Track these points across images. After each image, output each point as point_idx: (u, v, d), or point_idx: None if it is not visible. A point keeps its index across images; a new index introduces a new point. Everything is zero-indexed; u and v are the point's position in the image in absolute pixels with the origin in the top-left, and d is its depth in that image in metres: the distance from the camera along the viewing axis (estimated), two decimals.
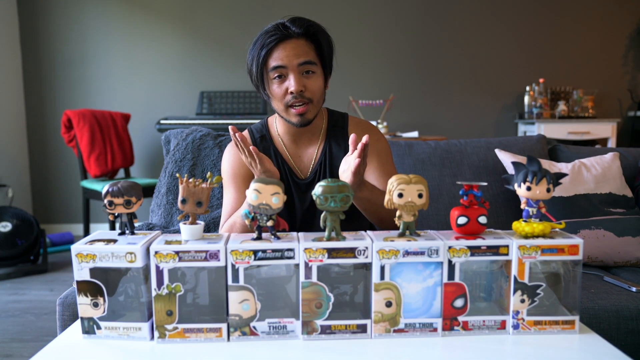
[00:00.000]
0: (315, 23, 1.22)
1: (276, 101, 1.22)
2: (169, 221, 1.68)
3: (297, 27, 1.18)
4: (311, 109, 1.22)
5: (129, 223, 0.87)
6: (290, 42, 1.18)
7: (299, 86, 1.18)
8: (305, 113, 1.21)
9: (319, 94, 1.23)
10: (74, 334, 0.86)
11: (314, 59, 1.20)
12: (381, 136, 1.36)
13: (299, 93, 1.18)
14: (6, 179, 3.79)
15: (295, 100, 1.19)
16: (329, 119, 1.36)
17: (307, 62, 1.19)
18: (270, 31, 1.19)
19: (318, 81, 1.22)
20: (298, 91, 1.18)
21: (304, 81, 1.19)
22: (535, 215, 0.86)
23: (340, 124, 1.35)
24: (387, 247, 0.81)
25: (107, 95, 4.13)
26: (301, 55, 1.18)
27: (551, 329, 0.85)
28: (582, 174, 1.70)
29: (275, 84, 1.21)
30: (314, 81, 1.21)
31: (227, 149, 1.36)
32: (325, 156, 1.31)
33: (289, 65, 1.18)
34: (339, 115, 1.38)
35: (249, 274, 0.82)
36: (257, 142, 1.34)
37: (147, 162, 4.21)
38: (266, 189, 0.82)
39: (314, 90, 1.21)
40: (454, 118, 4.28)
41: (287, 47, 1.18)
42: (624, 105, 4.32)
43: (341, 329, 0.83)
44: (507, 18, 4.21)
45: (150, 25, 4.11)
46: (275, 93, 1.21)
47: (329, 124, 1.35)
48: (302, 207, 1.31)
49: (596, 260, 1.60)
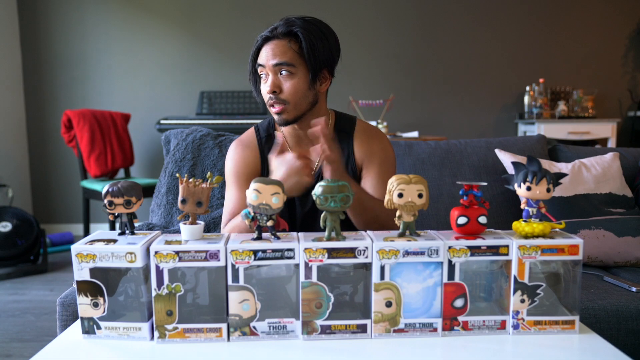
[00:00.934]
0: (310, 24, 1.20)
1: (264, 99, 1.24)
2: (169, 221, 1.68)
3: (283, 27, 1.18)
4: (289, 109, 1.20)
5: (129, 223, 0.87)
6: (271, 43, 1.19)
7: (272, 87, 1.18)
8: (282, 113, 1.21)
9: (297, 95, 1.20)
10: (74, 334, 0.86)
11: (292, 60, 1.18)
12: (387, 145, 1.33)
13: (272, 94, 1.19)
14: (6, 179, 3.79)
15: (272, 100, 1.20)
16: (336, 123, 1.33)
17: (282, 64, 1.18)
18: (264, 31, 1.21)
19: (297, 83, 1.19)
20: (270, 92, 1.19)
21: (279, 82, 1.19)
22: (535, 215, 0.86)
23: (347, 129, 1.33)
24: (387, 247, 0.81)
25: (107, 95, 4.13)
26: (277, 55, 1.18)
27: (551, 329, 0.85)
28: (582, 174, 1.70)
29: (261, 82, 1.23)
30: (291, 83, 1.19)
31: (232, 147, 1.34)
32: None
33: (266, 65, 1.19)
34: (347, 120, 1.35)
35: (249, 274, 0.82)
36: (263, 141, 1.32)
37: (147, 162, 4.21)
38: (266, 189, 0.82)
39: (290, 92, 1.19)
40: (454, 118, 4.28)
41: (268, 47, 1.19)
42: (624, 105, 4.32)
43: (341, 329, 0.83)
44: (507, 18, 4.21)
45: (150, 25, 4.12)
46: (262, 91, 1.24)
47: (336, 128, 1.32)
48: (303, 210, 1.30)
49: (596, 260, 1.60)
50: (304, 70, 1.20)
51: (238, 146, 1.33)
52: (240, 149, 1.31)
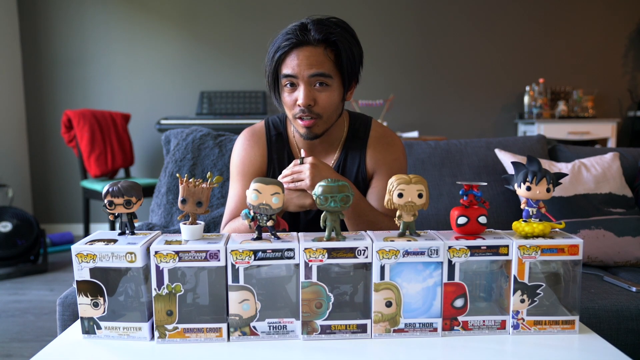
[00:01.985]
0: (342, 28, 1.09)
1: (286, 109, 1.14)
2: (169, 221, 1.68)
3: (317, 32, 1.06)
4: (320, 124, 1.11)
5: (129, 223, 0.87)
6: (305, 50, 1.07)
7: (308, 100, 1.07)
8: (312, 127, 1.11)
9: (331, 109, 1.11)
10: (74, 334, 0.86)
11: (329, 70, 1.08)
12: (400, 155, 1.25)
13: (306, 107, 1.08)
14: (6, 179, 3.79)
15: (303, 113, 1.09)
16: (350, 127, 1.25)
17: (320, 74, 1.07)
18: (289, 33, 1.08)
19: (332, 95, 1.10)
20: (306, 105, 1.08)
21: (314, 94, 1.08)
22: (535, 215, 0.86)
23: (361, 134, 1.24)
24: (387, 247, 0.81)
25: (107, 95, 4.13)
26: (314, 65, 1.06)
27: (551, 329, 0.85)
28: (582, 174, 1.70)
29: (286, 91, 1.11)
30: (326, 95, 1.09)
31: (239, 142, 1.27)
32: (338, 169, 1.23)
33: (299, 75, 1.07)
34: (362, 124, 1.25)
35: (249, 274, 0.82)
36: (273, 139, 1.25)
37: (147, 162, 4.21)
38: (266, 189, 0.82)
39: (325, 105, 1.09)
40: (454, 118, 4.28)
41: (300, 54, 1.07)
42: (624, 105, 4.32)
43: (341, 329, 0.83)
44: (507, 18, 4.21)
45: (150, 25, 4.12)
46: (286, 101, 1.12)
47: (349, 133, 1.24)
48: (306, 217, 1.26)
49: (596, 260, 1.60)
50: (339, 81, 1.11)
51: (247, 140, 1.25)
52: (249, 144, 1.25)
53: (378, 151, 1.23)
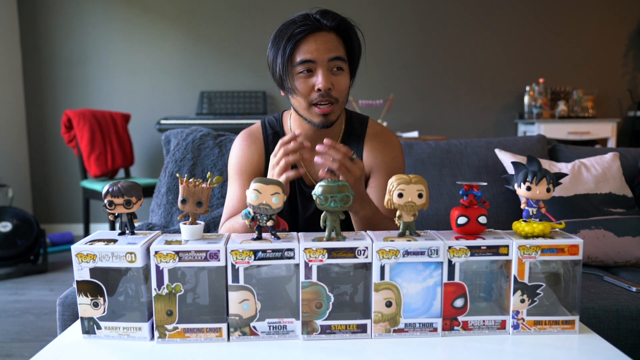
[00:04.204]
0: (348, 19, 1.14)
1: (300, 98, 1.11)
2: (169, 221, 1.68)
3: (329, 20, 1.09)
4: (335, 109, 1.12)
5: (129, 223, 0.87)
6: (321, 35, 1.08)
7: (327, 83, 1.07)
8: (330, 114, 1.11)
9: (345, 93, 1.13)
10: (74, 334, 0.85)
11: (344, 55, 1.11)
12: (398, 154, 1.25)
13: (326, 91, 1.08)
14: (6, 179, 3.79)
15: (322, 98, 1.09)
16: (346, 123, 1.25)
17: (338, 58, 1.09)
18: (298, 21, 1.08)
19: (345, 80, 1.12)
20: (326, 88, 1.07)
21: (332, 78, 1.09)
22: (535, 215, 0.86)
23: (357, 132, 1.24)
24: (387, 247, 0.81)
25: (107, 95, 4.13)
26: (332, 50, 1.08)
27: (551, 329, 0.85)
28: (582, 174, 1.70)
29: (300, 79, 1.10)
30: (342, 79, 1.11)
31: (236, 143, 1.27)
32: None
33: (318, 59, 1.07)
34: (358, 122, 1.26)
35: (249, 274, 0.82)
36: (270, 139, 1.25)
37: (147, 162, 4.21)
38: (266, 189, 0.82)
39: (341, 89, 1.11)
40: (454, 118, 4.28)
41: (317, 39, 1.08)
42: (624, 105, 4.32)
43: (341, 329, 0.83)
44: (507, 18, 4.21)
45: (150, 25, 4.12)
46: (300, 89, 1.10)
47: (346, 130, 1.24)
48: (305, 214, 1.26)
49: (596, 260, 1.60)
50: (348, 68, 1.13)
51: (244, 141, 1.26)
52: (246, 145, 1.25)
53: (376, 149, 1.23)
